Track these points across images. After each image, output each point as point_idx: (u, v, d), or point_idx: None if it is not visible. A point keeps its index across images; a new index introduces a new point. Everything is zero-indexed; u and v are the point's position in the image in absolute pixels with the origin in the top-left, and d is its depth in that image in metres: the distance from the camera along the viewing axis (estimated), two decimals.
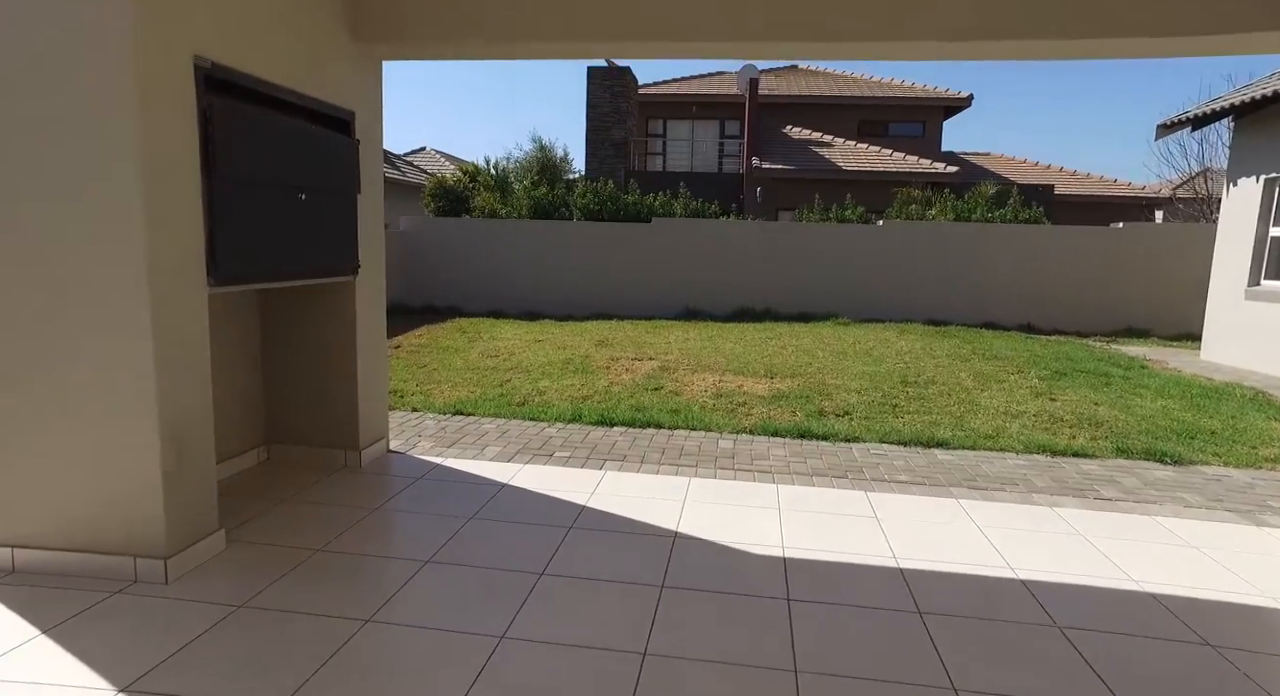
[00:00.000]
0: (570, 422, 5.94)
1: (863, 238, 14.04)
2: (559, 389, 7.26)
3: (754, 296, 14.24)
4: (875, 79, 24.14)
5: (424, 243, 14.58)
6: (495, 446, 5.19)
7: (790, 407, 6.60)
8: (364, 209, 4.43)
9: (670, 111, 24.47)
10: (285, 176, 3.62)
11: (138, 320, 2.87)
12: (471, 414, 6.13)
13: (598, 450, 5.17)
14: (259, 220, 3.45)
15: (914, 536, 3.69)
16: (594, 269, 14.40)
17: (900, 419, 6.26)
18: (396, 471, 4.54)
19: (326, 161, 3.97)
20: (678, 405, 6.60)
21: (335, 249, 4.15)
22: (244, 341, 4.41)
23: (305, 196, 3.77)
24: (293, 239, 3.71)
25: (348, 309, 4.39)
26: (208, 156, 3.11)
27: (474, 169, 18.00)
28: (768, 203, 20.13)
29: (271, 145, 3.51)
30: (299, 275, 3.85)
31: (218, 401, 4.12)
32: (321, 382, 4.49)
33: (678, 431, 5.78)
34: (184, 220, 3.02)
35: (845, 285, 14.01)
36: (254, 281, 3.48)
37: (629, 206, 14.88)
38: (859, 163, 20.15)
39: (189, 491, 3.11)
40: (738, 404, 6.73)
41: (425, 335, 10.95)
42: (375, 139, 4.57)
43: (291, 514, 3.79)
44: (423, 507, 3.95)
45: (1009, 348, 10.44)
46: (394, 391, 6.94)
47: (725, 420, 6.12)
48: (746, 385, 7.59)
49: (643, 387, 7.34)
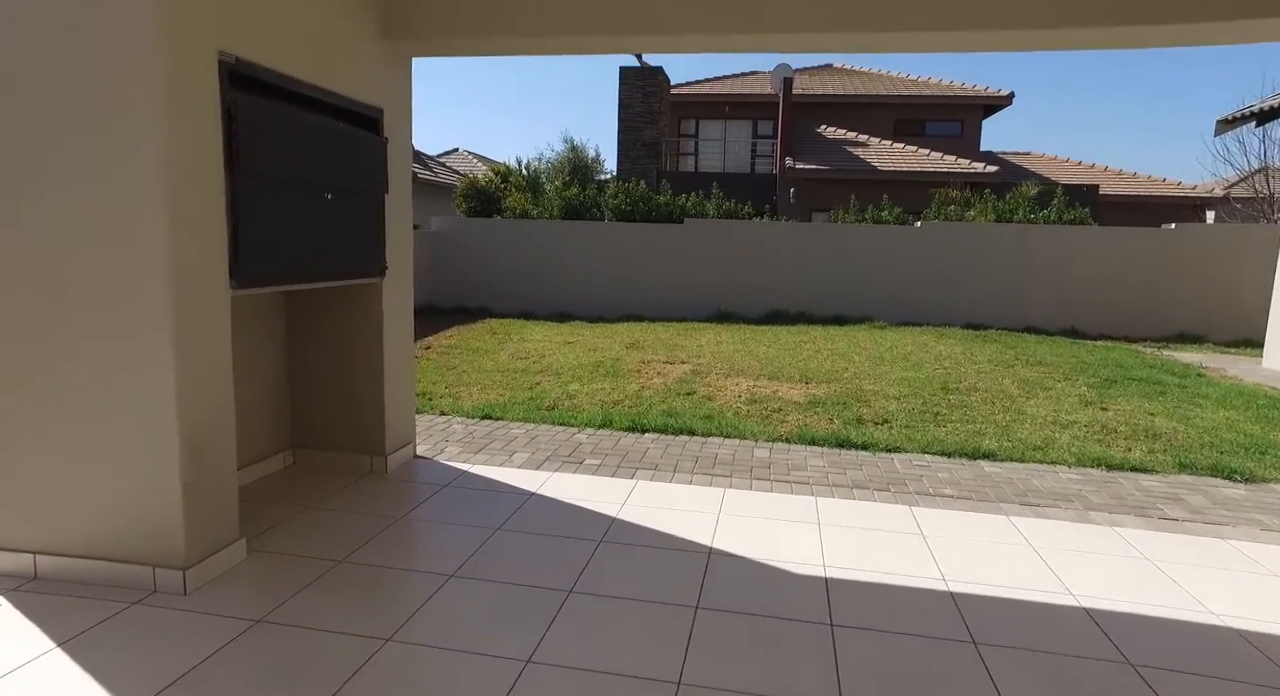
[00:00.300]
0: (601, 428, 5.80)
1: (899, 239, 13.72)
2: (589, 392, 7.12)
3: (787, 299, 13.99)
4: (912, 77, 23.68)
5: (455, 243, 14.57)
6: (524, 452, 5.07)
7: (827, 414, 6.38)
8: (392, 209, 4.33)
9: (703, 111, 24.27)
10: (311, 175, 3.52)
11: (157, 323, 2.79)
12: (500, 418, 6.02)
13: (629, 458, 5.01)
14: (283, 220, 3.35)
15: (964, 556, 3.47)
16: (625, 270, 14.26)
17: (942, 428, 6.01)
18: (423, 478, 4.43)
19: (353, 160, 3.88)
20: (711, 411, 6.43)
21: (362, 250, 4.05)
22: (270, 342, 4.34)
23: (331, 196, 3.67)
24: (318, 239, 3.62)
25: (374, 311, 4.30)
26: (231, 154, 3.02)
27: (505, 169, 17.99)
28: (801, 204, 19.84)
29: (297, 143, 3.42)
30: (324, 277, 3.75)
31: (243, 404, 4.05)
32: (347, 387, 4.40)
33: (711, 439, 5.60)
34: (206, 220, 2.93)
35: (881, 288, 13.70)
36: (277, 283, 3.39)
37: (661, 207, 14.72)
38: (895, 163, 19.77)
39: (209, 500, 3.02)
40: (772, 410, 6.53)
41: (455, 336, 10.91)
42: (404, 137, 4.48)
43: (315, 521, 3.69)
44: (448, 517, 3.83)
45: (1053, 353, 10.08)
46: (423, 393, 6.86)
47: (760, 427, 5.93)
48: (781, 390, 7.38)
49: (675, 392, 7.18)
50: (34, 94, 2.75)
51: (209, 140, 2.93)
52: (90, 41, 2.69)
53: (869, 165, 19.80)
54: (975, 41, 3.76)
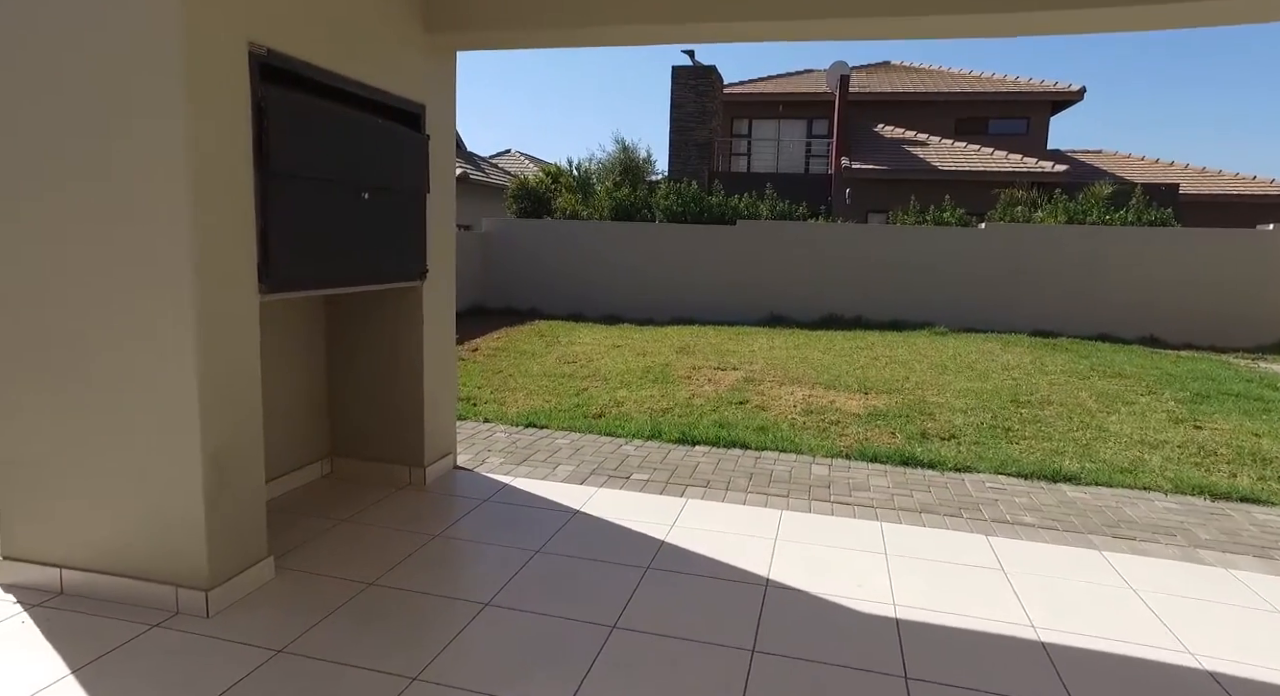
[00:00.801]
0: (649, 439, 5.54)
1: (962, 241, 13.13)
2: (637, 400, 6.87)
3: (843, 303, 13.53)
4: (975, 73, 22.83)
5: (505, 244, 14.51)
6: (568, 465, 4.84)
7: (889, 428, 6.00)
8: (434, 209, 4.15)
9: (755, 111, 23.83)
10: (347, 174, 3.35)
11: (179, 330, 2.63)
12: (545, 426, 5.81)
13: (678, 473, 4.74)
14: (317, 221, 3.18)
15: (1052, 598, 3.10)
16: (676, 272, 13.99)
17: (1015, 445, 5.58)
18: (462, 491, 4.23)
19: (393, 158, 3.70)
20: (764, 422, 6.11)
21: (401, 252, 3.87)
22: (308, 347, 4.20)
23: (369, 195, 3.49)
24: (354, 241, 3.44)
25: (414, 316, 4.11)
26: (261, 151, 2.85)
27: (556, 170, 17.89)
28: (857, 205, 19.27)
29: (332, 140, 3.24)
30: (360, 281, 3.58)
31: (279, 412, 3.91)
32: (386, 394, 4.23)
33: (765, 453, 5.29)
34: (233, 221, 2.77)
35: (942, 292, 13.13)
36: (309, 288, 3.22)
37: (713, 208, 14.41)
38: (956, 162, 19.04)
39: (235, 518, 2.85)
40: (830, 422, 6.18)
41: (503, 338, 10.79)
42: (447, 135, 4.29)
43: (348, 537, 3.52)
44: (487, 536, 3.61)
45: (1132, 363, 9.44)
46: (467, 398, 6.71)
47: (817, 441, 5.59)
48: (839, 401, 7.02)
49: (726, 401, 6.87)
50: (43, 85, 2.62)
51: (237, 136, 2.76)
52: (108, 29, 2.55)
53: (929, 165, 19.12)
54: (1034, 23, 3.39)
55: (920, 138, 20.78)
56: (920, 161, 19.43)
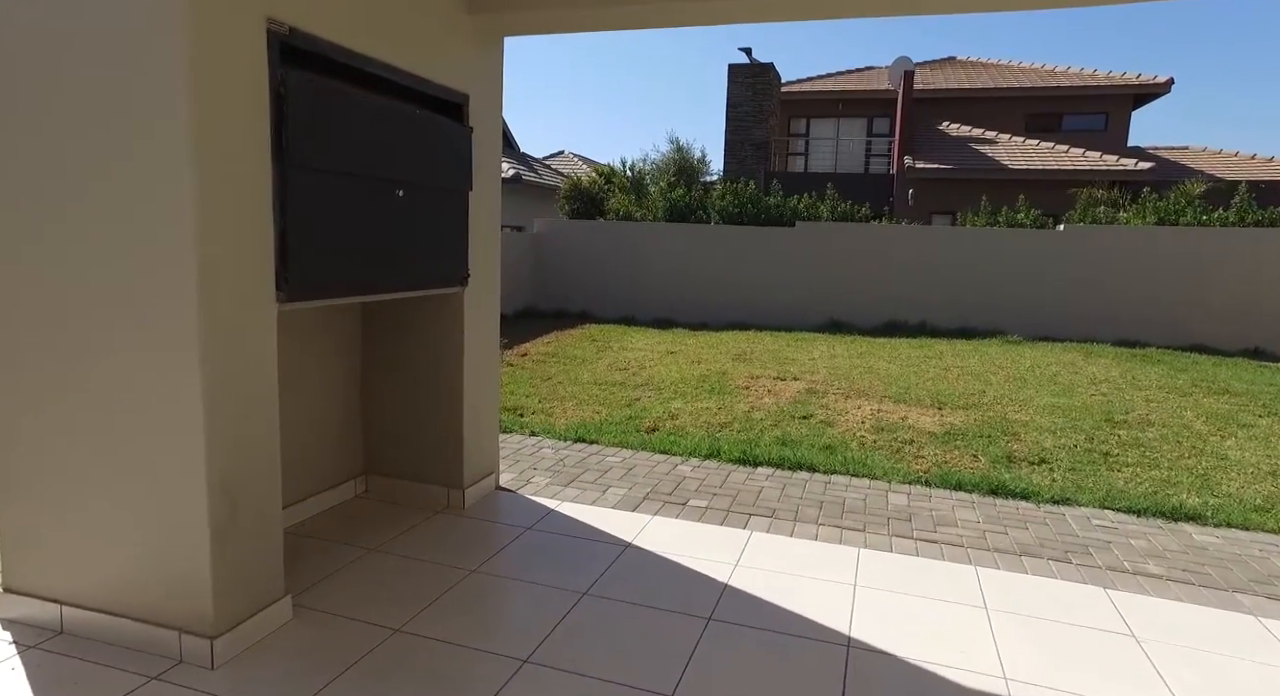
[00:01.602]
0: (706, 458, 5.11)
1: (1037, 244, 12.33)
2: (693, 412, 6.45)
3: (907, 308, 12.86)
4: (1047, 67, 21.72)
5: (557, 246, 14.23)
6: (619, 487, 4.45)
7: (970, 449, 5.45)
8: (477, 209, 3.81)
9: (814, 110, 23.16)
10: (379, 168, 3.01)
11: (181, 344, 2.31)
12: (595, 441, 5.43)
13: (740, 499, 4.30)
14: (344, 221, 2.85)
15: (1205, 679, 2.57)
16: (731, 275, 13.51)
17: (1118, 473, 4.97)
18: (504, 517, 3.88)
19: (432, 152, 3.36)
20: (831, 440, 5.62)
21: (440, 255, 3.53)
22: (343, 355, 3.89)
23: (404, 193, 3.16)
24: (386, 243, 3.11)
25: (454, 325, 3.78)
26: (281, 142, 2.53)
27: (609, 170, 17.58)
28: (920, 205, 18.48)
29: (362, 130, 2.91)
30: (394, 287, 3.24)
31: (309, 426, 3.61)
32: (423, 409, 3.90)
33: (835, 477, 4.81)
34: (248, 222, 2.45)
35: (1014, 297, 12.36)
36: (335, 295, 2.89)
37: (770, 209, 13.87)
38: (1028, 160, 18.08)
39: (245, 556, 2.53)
40: (904, 441, 5.66)
41: (553, 343, 10.48)
42: (492, 128, 3.94)
43: (376, 569, 3.19)
44: (529, 573, 3.24)
45: (1240, 378, 8.61)
46: (514, 408, 6.38)
47: (891, 463, 5.08)
48: (911, 417, 6.47)
49: (788, 415, 6.40)
50: (28, 71, 2.33)
51: (252, 125, 2.44)
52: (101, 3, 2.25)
53: (998, 164, 18.20)
54: None
55: (988, 135, 19.84)
56: (988, 160, 18.52)
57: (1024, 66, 22.57)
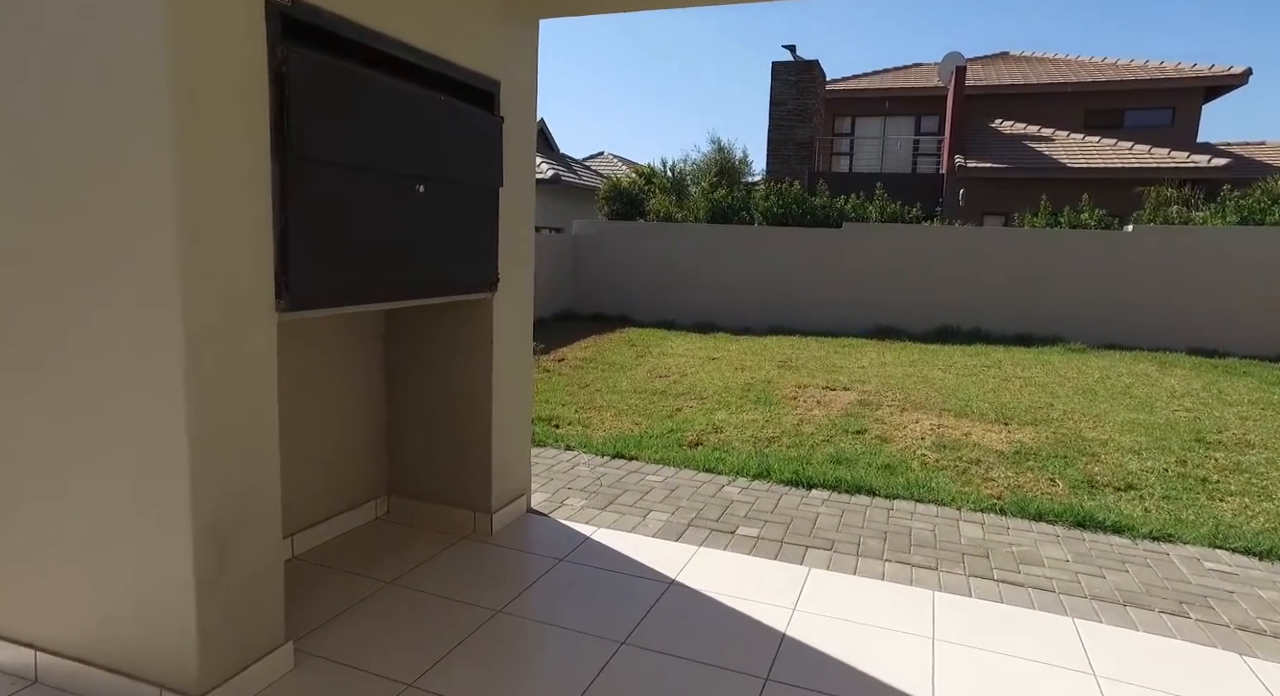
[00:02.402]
0: (755, 479, 4.71)
1: (1102, 246, 11.63)
2: (738, 424, 6.05)
3: (959, 313, 12.26)
4: (1109, 61, 20.76)
5: (595, 247, 13.92)
6: (661, 511, 4.07)
7: (1045, 472, 4.95)
8: (508, 207, 3.47)
9: (859, 108, 22.52)
10: (397, 161, 2.69)
11: (162, 361, 2.01)
12: (634, 457, 5.06)
13: (795, 528, 3.89)
14: (355, 219, 2.53)
15: None
16: (775, 278, 13.05)
17: (1222, 503, 4.44)
18: (535, 545, 3.53)
19: (458, 144, 3.02)
20: (890, 458, 5.17)
21: (467, 258, 3.20)
22: (364, 365, 3.59)
23: (425, 188, 2.83)
24: (406, 245, 2.78)
25: (482, 335, 3.44)
26: (282, 130, 2.22)
27: (649, 171, 17.24)
28: (971, 206, 17.76)
29: (377, 118, 2.59)
30: (413, 294, 2.91)
31: (326, 444, 3.31)
32: (448, 426, 3.58)
33: (897, 502, 4.36)
34: (242, 219, 2.13)
35: (1076, 303, 11.68)
36: (344, 303, 2.57)
37: (816, 210, 13.37)
38: (1088, 158, 17.24)
39: (239, 601, 2.22)
40: (970, 461, 5.18)
41: (591, 347, 10.16)
42: (526, 119, 3.61)
43: (391, 608, 2.86)
44: (560, 614, 2.88)
45: None
46: (549, 418, 6.05)
47: (957, 487, 4.62)
48: (975, 433, 5.97)
49: (841, 429, 5.96)
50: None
51: (248, 110, 2.13)
52: None
53: (1055, 162, 17.40)
54: None
55: (1044, 133, 19.01)
56: (1045, 159, 17.72)
57: (1082, 60, 21.64)
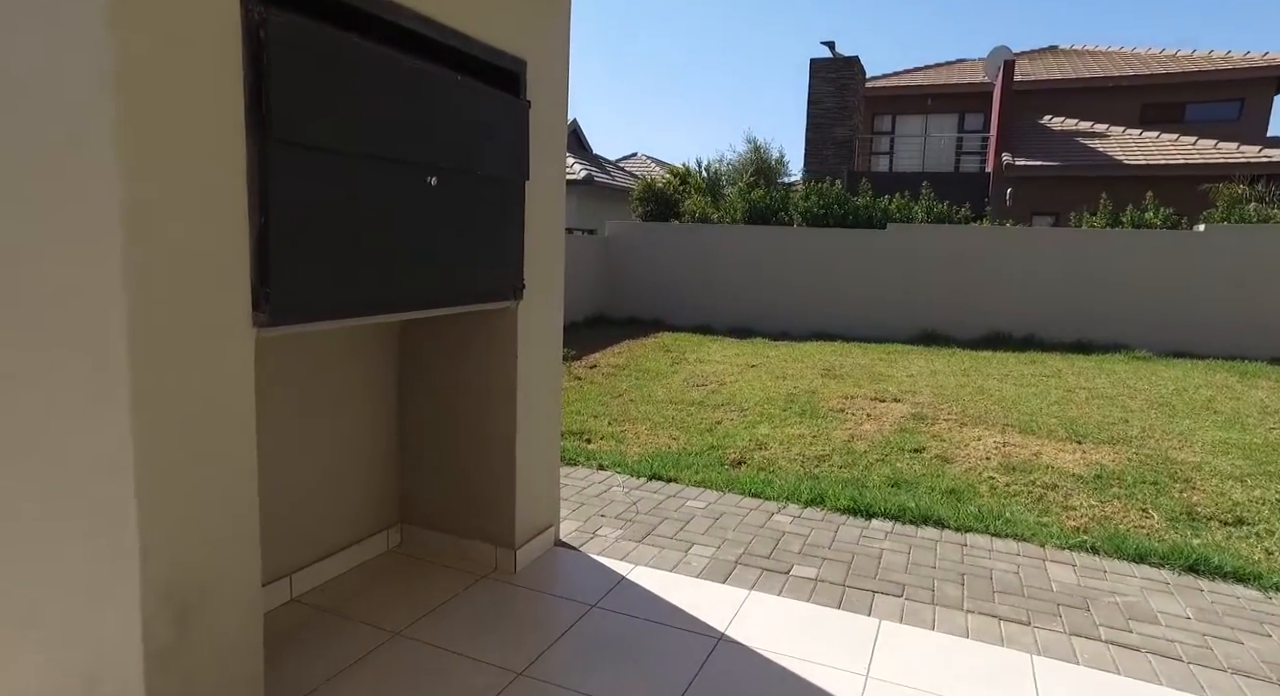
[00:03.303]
0: (808, 505, 4.24)
1: (1171, 246, 10.91)
2: (784, 440, 5.58)
3: (1011, 318, 11.61)
4: (1167, 52, 19.82)
5: (629, 249, 13.52)
6: (705, 544, 3.63)
7: (1134, 500, 4.41)
8: (535, 204, 3.07)
9: (900, 106, 21.83)
10: (403, 148, 2.29)
11: (107, 391, 1.63)
12: (673, 479, 4.63)
13: (857, 568, 3.43)
14: (351, 216, 2.14)
15: None
16: (815, 281, 12.52)
17: None
18: (563, 587, 3.12)
19: (476, 130, 2.63)
20: (955, 481, 4.67)
21: (487, 261, 2.80)
22: (376, 381, 3.21)
23: (437, 180, 2.44)
24: (413, 246, 2.39)
25: (504, 348, 3.04)
26: (261, 108, 1.83)
27: (684, 171, 16.81)
28: (1020, 206, 16.99)
29: (380, 97, 2.19)
30: (423, 304, 2.52)
31: (335, 469, 2.94)
32: (466, 450, 3.18)
33: (971, 536, 3.87)
34: (208, 216, 1.75)
35: (1141, 307, 10.98)
36: (336, 316, 2.18)
37: (859, 210, 12.81)
38: (1147, 155, 16.37)
39: (203, 672, 1.83)
40: (1044, 486, 4.65)
41: (625, 353, 9.76)
42: (556, 103, 3.20)
43: (397, 669, 2.47)
44: (590, 681, 2.46)
45: None
46: (580, 432, 5.65)
47: (1035, 517, 4.11)
48: (1046, 452, 5.43)
49: (896, 447, 5.46)
50: None
51: (216, 83, 1.75)
52: None
53: (1111, 159, 16.57)
54: None
55: (1098, 129, 18.15)
56: (1100, 156, 16.89)
57: (1138, 52, 20.71)
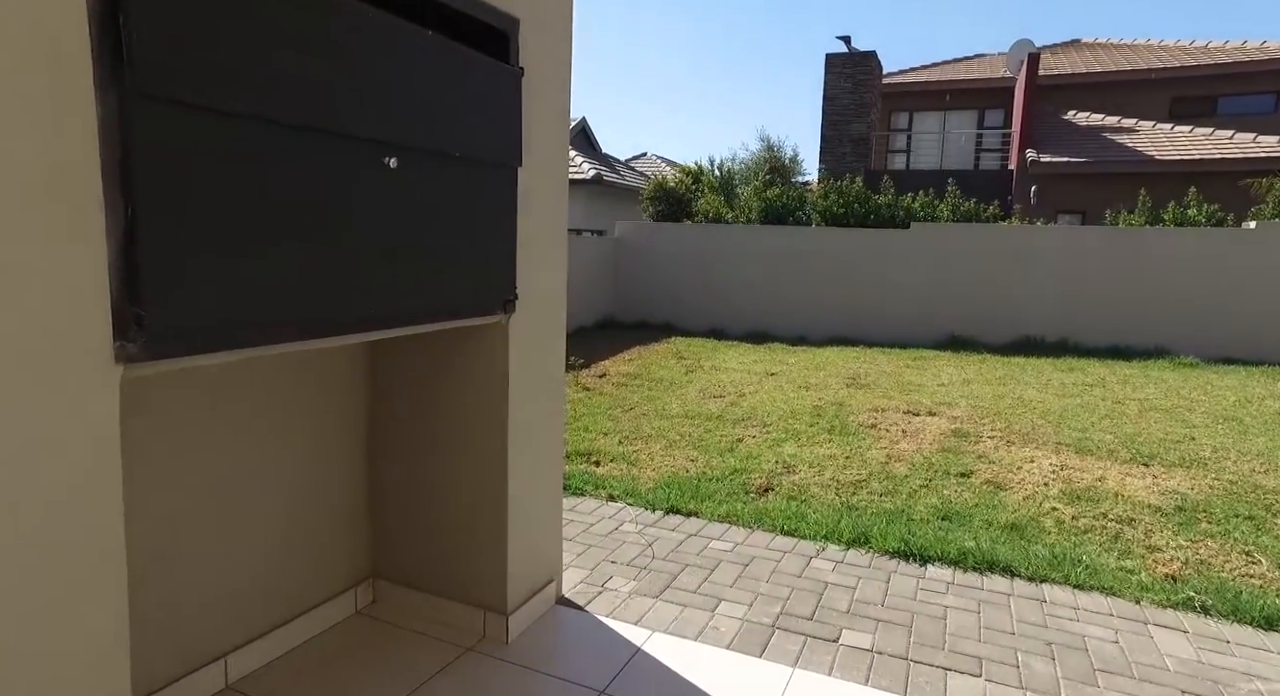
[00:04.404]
0: (850, 547, 3.65)
1: (1217, 245, 10.27)
2: (814, 461, 5.00)
3: (1044, 323, 11.00)
4: (1197, 44, 19.10)
5: (639, 250, 12.97)
6: (735, 602, 3.05)
7: (1231, 540, 3.81)
8: (531, 196, 2.50)
9: (917, 102, 21.19)
10: (348, 117, 1.73)
11: None
12: (693, 512, 4.05)
13: (921, 633, 2.84)
14: (271, 205, 1.57)
15: None
16: (835, 283, 11.93)
17: None
18: (565, 666, 2.54)
19: (452, 101, 2.06)
20: (1013, 514, 4.08)
21: (468, 266, 2.23)
22: (341, 412, 2.65)
23: (396, 162, 1.87)
24: (365, 246, 1.83)
25: (491, 372, 2.48)
26: (115, 47, 1.28)
27: (697, 170, 16.23)
28: (1045, 204, 16.32)
29: (308, 43, 1.63)
30: (379, 322, 1.95)
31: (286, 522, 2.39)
32: (449, 492, 2.62)
33: (1048, 588, 3.27)
34: (39, 206, 1.20)
35: (1182, 310, 10.37)
36: (255, 341, 1.60)
37: (881, 209, 12.21)
38: (1180, 150, 15.67)
39: None
40: (1119, 520, 4.06)
41: (636, 360, 9.20)
42: (557, 73, 2.63)
43: None
44: None
45: None
46: (588, 454, 5.09)
47: (1117, 562, 3.52)
48: (1110, 477, 4.83)
49: (941, 470, 4.87)
50: None
51: (47, 12, 1.19)
52: None
53: (1143, 155, 15.88)
54: None
55: (1126, 124, 17.45)
56: (1130, 151, 16.20)
57: (1166, 44, 20.00)
